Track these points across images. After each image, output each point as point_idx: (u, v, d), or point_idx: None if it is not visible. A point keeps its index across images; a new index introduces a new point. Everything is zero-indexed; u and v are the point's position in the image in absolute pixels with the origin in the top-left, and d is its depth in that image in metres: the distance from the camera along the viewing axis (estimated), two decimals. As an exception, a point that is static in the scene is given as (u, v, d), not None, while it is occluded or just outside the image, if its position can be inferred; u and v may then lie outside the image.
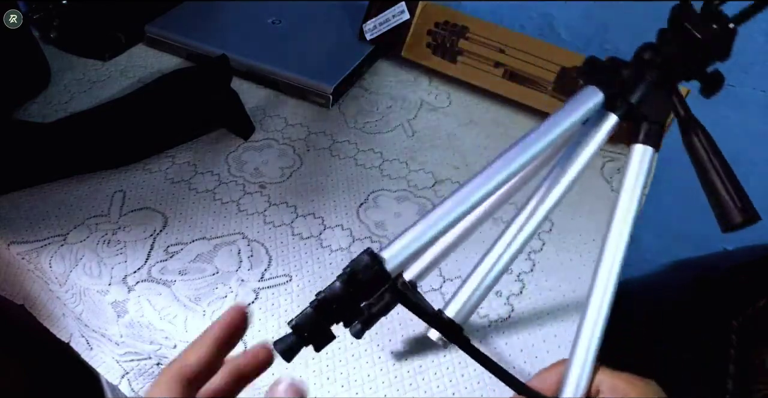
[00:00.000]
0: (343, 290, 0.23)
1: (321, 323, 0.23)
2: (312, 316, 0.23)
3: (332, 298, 0.22)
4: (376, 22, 0.60)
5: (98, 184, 0.46)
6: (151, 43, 0.61)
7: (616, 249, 0.28)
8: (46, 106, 0.53)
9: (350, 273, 0.23)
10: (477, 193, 0.25)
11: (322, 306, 0.22)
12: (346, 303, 0.23)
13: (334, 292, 0.22)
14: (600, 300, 0.27)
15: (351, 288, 0.23)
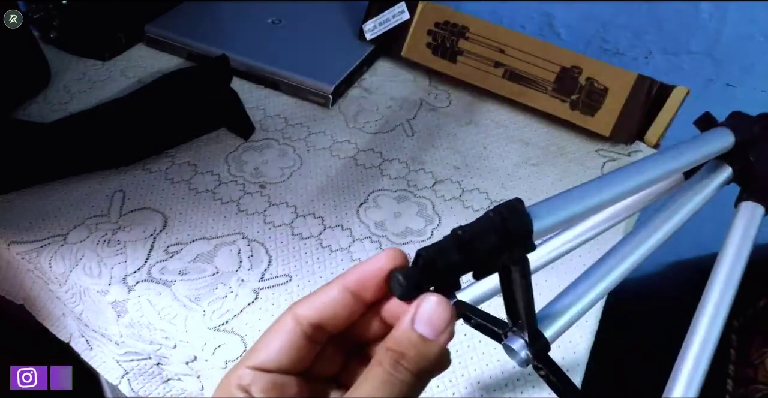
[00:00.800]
0: (489, 234, 0.18)
1: (454, 263, 0.18)
2: (449, 249, 0.18)
3: (475, 238, 0.18)
4: (376, 22, 0.60)
5: (98, 183, 0.46)
6: (151, 43, 0.61)
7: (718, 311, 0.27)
8: (46, 105, 0.53)
9: (502, 216, 0.19)
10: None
11: (462, 242, 0.18)
12: (487, 251, 0.18)
13: (482, 231, 0.18)
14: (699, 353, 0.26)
15: (497, 235, 0.19)
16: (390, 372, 0.17)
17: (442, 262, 0.18)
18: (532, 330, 0.22)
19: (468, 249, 0.18)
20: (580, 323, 0.40)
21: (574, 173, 0.52)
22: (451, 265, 0.18)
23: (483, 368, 0.37)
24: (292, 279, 0.40)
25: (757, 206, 0.28)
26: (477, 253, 0.18)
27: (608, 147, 0.56)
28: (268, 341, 0.19)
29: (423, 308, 0.18)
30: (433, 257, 0.18)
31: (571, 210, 0.22)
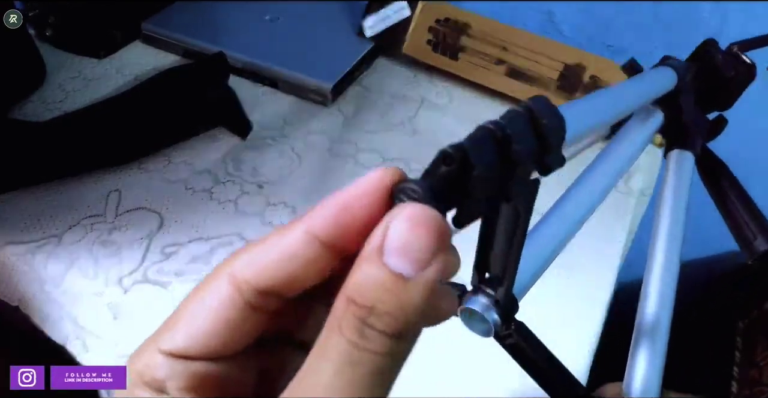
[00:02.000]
0: (527, 133, 0.14)
1: (494, 169, 0.13)
2: (487, 146, 0.13)
3: (515, 136, 0.14)
4: (377, 19, 0.59)
5: (93, 183, 0.45)
6: (148, 41, 0.60)
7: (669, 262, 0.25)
8: (41, 104, 0.52)
9: (532, 113, 0.14)
10: None
11: (499, 141, 0.13)
12: (525, 157, 0.14)
13: (519, 127, 0.14)
14: (656, 316, 0.23)
15: (532, 134, 0.14)
16: (355, 343, 0.11)
17: (482, 165, 0.12)
18: (510, 284, 0.16)
19: (506, 151, 0.13)
20: (583, 325, 0.39)
21: (576, 172, 0.52)
22: (490, 171, 0.13)
23: (483, 369, 0.36)
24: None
25: (685, 153, 0.27)
26: (514, 159, 0.13)
27: (611, 145, 0.55)
28: (191, 313, 0.13)
29: (393, 228, 0.11)
30: (468, 157, 0.12)
31: (600, 116, 0.20)
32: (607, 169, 0.26)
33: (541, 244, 0.22)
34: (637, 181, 0.51)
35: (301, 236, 0.12)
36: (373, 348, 0.11)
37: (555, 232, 0.23)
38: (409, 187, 0.12)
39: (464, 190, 0.13)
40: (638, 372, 0.20)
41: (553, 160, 0.14)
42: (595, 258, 0.44)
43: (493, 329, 0.17)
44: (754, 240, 0.23)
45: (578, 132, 0.19)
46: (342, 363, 0.11)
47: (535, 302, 0.41)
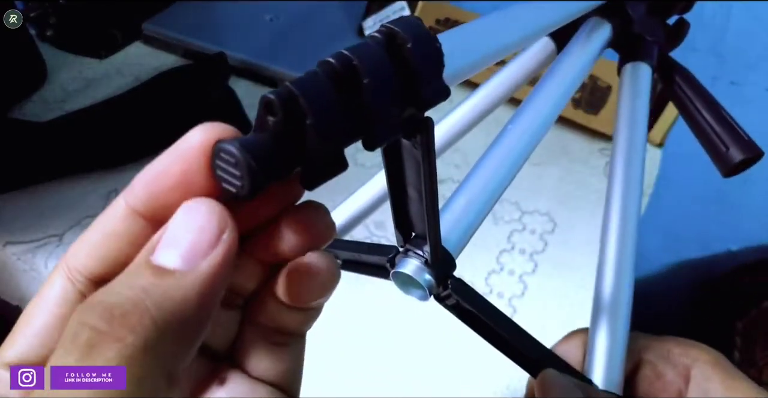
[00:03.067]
0: (384, 57, 0.11)
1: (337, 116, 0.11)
2: (323, 87, 0.11)
3: (365, 70, 0.11)
4: (376, 19, 0.59)
5: (94, 183, 0.45)
6: (148, 41, 0.60)
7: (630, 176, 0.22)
8: (42, 104, 0.52)
9: (396, 39, 0.11)
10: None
11: (342, 78, 0.11)
12: (389, 85, 0.11)
13: (370, 55, 0.11)
14: (619, 249, 0.21)
15: (394, 67, 0.11)
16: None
17: (317, 114, 0.10)
18: (435, 240, 0.15)
19: (354, 89, 0.11)
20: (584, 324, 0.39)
21: (576, 172, 0.52)
22: (330, 121, 0.10)
23: (483, 368, 0.36)
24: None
25: (642, 65, 0.24)
26: (370, 97, 0.11)
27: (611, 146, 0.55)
28: (28, 317, 0.12)
29: (173, 223, 0.10)
30: (297, 105, 0.10)
31: (486, 46, 0.15)
32: (548, 94, 0.22)
33: (478, 186, 0.19)
34: (637, 181, 0.51)
35: (120, 211, 0.11)
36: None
37: (494, 172, 0.19)
38: (225, 148, 0.10)
39: (302, 141, 0.10)
40: (599, 355, 0.19)
41: (429, 92, 0.12)
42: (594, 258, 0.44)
43: (428, 292, 0.16)
44: (726, 152, 0.21)
45: (472, 58, 0.15)
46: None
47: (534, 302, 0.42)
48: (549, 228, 0.46)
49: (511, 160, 0.20)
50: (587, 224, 0.47)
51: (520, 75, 0.27)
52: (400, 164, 0.14)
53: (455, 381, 0.36)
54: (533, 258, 0.43)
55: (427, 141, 0.12)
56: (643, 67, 0.24)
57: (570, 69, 0.23)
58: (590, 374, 0.19)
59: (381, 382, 0.35)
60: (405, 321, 0.38)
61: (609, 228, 0.22)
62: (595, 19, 0.24)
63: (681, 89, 0.23)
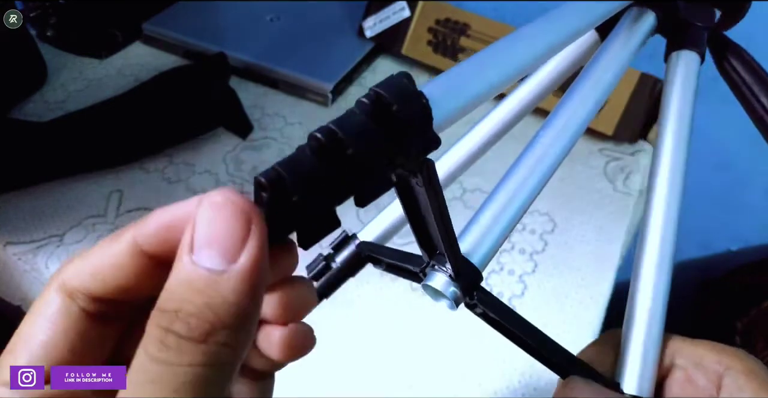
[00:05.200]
0: (368, 124, 0.12)
1: (320, 188, 0.12)
2: (307, 166, 0.12)
3: (350, 140, 0.12)
4: (376, 20, 0.59)
5: (95, 183, 0.45)
6: (149, 41, 0.60)
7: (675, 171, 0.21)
8: (43, 104, 0.52)
9: (382, 100, 0.12)
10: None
11: (327, 152, 0.12)
12: (371, 158, 0.12)
13: (354, 125, 0.12)
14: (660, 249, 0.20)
15: (379, 124, 0.12)
16: (155, 357, 0.10)
17: (301, 190, 0.11)
18: (455, 258, 0.16)
19: (339, 160, 0.12)
20: (584, 324, 0.39)
21: (576, 173, 0.52)
22: (315, 193, 0.11)
23: (484, 370, 0.36)
24: (290, 281, 0.40)
25: (690, 54, 0.23)
26: (355, 164, 0.12)
27: (611, 146, 0.55)
28: (28, 331, 0.12)
29: (199, 220, 0.10)
30: (284, 185, 0.11)
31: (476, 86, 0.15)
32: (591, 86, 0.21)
33: (506, 197, 0.20)
34: (636, 181, 0.51)
35: (126, 248, 0.12)
36: (176, 360, 0.10)
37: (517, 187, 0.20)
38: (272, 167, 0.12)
39: (293, 211, 0.12)
40: (631, 359, 0.18)
41: (420, 145, 0.12)
42: (594, 258, 0.44)
43: (454, 303, 0.17)
44: None
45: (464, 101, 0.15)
46: (141, 384, 0.10)
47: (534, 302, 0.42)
48: (549, 229, 0.46)
49: (544, 167, 0.20)
50: (587, 224, 0.47)
51: (563, 67, 0.26)
52: (412, 194, 0.15)
53: (455, 380, 0.36)
54: (533, 258, 0.43)
55: (429, 180, 0.13)
56: (691, 56, 0.23)
57: (613, 60, 0.21)
58: (621, 377, 0.19)
59: (381, 382, 0.35)
60: (406, 322, 0.38)
61: (649, 225, 0.21)
62: (638, 9, 0.23)
63: (734, 70, 0.22)
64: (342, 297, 0.39)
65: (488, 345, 0.38)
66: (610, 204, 0.49)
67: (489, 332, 0.41)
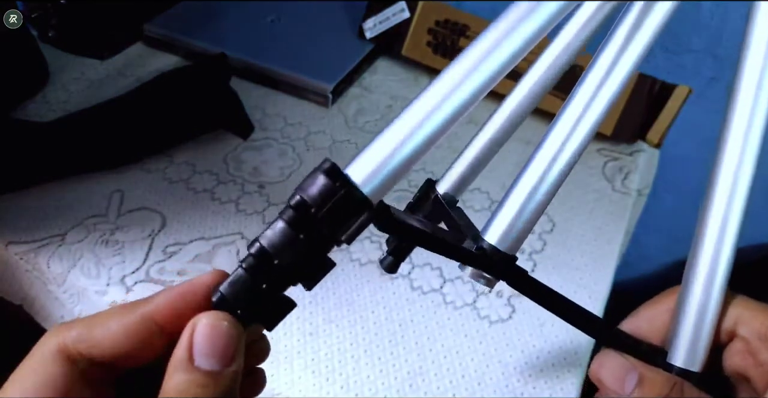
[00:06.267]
0: (290, 234, 0.15)
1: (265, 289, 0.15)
2: (245, 283, 0.15)
3: (275, 249, 0.15)
4: (376, 21, 0.59)
5: (96, 183, 0.46)
6: (150, 42, 0.60)
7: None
8: (44, 105, 0.52)
9: (298, 205, 0.15)
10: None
11: (258, 265, 0.15)
12: (297, 257, 0.15)
13: (278, 238, 0.15)
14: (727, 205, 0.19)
15: (301, 230, 0.15)
16: None
17: (242, 304, 0.15)
18: (479, 248, 0.19)
19: (270, 271, 0.15)
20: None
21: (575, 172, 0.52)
22: (253, 304, 0.15)
23: (483, 369, 0.36)
24: (291, 280, 0.40)
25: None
26: (284, 271, 0.15)
27: (610, 146, 0.55)
28: (21, 389, 0.13)
29: (198, 333, 0.14)
30: (228, 304, 0.15)
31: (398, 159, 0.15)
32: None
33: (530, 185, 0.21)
34: (634, 181, 0.52)
35: (140, 317, 0.15)
36: None
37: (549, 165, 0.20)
38: (218, 289, 0.16)
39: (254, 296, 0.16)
40: (685, 326, 0.17)
41: (352, 231, 0.15)
42: (593, 258, 0.44)
43: (487, 287, 0.19)
44: None
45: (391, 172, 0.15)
46: None
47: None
48: (548, 228, 0.46)
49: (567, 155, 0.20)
50: (586, 224, 0.47)
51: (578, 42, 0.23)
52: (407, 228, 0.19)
53: (455, 380, 0.36)
54: (532, 258, 0.44)
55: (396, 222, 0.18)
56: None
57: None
58: (670, 345, 0.17)
59: (381, 381, 0.36)
60: (406, 322, 0.39)
61: (718, 177, 0.19)
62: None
63: None
64: (342, 297, 0.40)
65: (488, 345, 0.38)
66: (608, 204, 0.49)
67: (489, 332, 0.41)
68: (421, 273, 0.42)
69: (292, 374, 0.35)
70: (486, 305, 0.40)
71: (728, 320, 0.17)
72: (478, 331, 0.38)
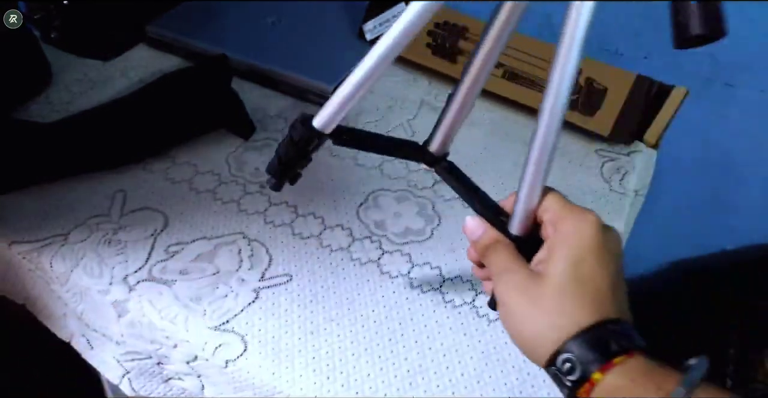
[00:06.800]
0: (290, 150, 0.32)
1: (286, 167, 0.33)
2: (277, 164, 0.33)
3: (284, 154, 0.33)
4: (376, 23, 0.60)
5: (99, 183, 0.46)
6: (152, 43, 0.61)
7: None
8: (47, 105, 0.53)
9: (289, 139, 0.32)
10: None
11: (279, 160, 0.33)
12: (295, 157, 0.32)
13: (283, 152, 0.33)
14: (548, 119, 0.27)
15: (298, 140, 0.31)
16: None
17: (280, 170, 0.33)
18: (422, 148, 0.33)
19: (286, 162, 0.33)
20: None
21: (573, 173, 0.52)
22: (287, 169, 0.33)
23: (482, 367, 0.37)
24: (292, 279, 0.41)
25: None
26: (292, 162, 0.33)
27: (607, 147, 0.56)
28: None
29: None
30: (272, 169, 0.34)
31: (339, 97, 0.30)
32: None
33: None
34: (632, 181, 0.52)
35: None
36: None
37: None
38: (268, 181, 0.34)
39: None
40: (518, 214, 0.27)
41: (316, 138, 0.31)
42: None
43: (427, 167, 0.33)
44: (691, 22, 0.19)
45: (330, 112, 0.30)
46: None
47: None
48: (546, 228, 0.47)
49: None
50: (584, 224, 0.48)
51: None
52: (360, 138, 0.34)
53: (454, 378, 0.36)
54: (531, 257, 0.44)
55: (345, 139, 0.33)
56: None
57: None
58: (511, 218, 0.27)
59: (381, 380, 0.36)
60: (406, 321, 0.39)
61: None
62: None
63: None
64: (342, 296, 0.40)
65: (487, 343, 0.38)
66: (606, 204, 0.50)
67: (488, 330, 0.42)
68: (420, 272, 0.42)
69: (293, 372, 0.36)
70: (485, 303, 0.40)
71: (541, 209, 0.26)
72: (477, 330, 0.39)
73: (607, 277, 0.23)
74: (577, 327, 0.22)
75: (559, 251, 0.24)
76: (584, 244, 0.24)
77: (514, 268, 0.25)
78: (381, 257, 0.43)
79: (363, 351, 0.37)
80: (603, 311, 0.23)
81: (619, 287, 0.24)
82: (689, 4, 0.19)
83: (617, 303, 0.23)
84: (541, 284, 0.24)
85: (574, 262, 0.24)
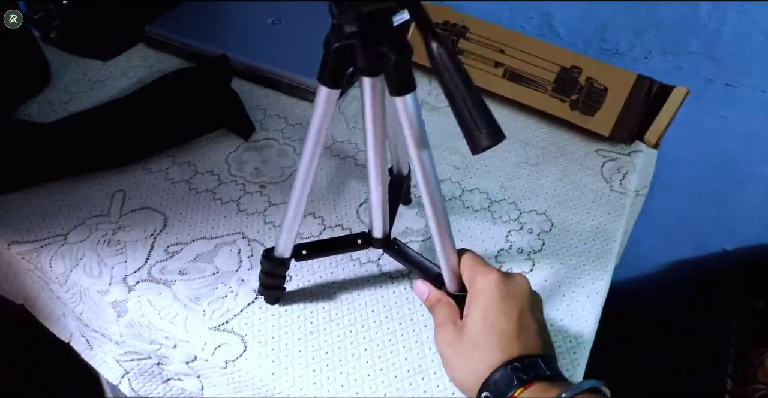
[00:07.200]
0: (267, 279, 0.37)
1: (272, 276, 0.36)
2: (264, 289, 0.37)
3: (265, 282, 0.37)
4: (376, 22, 0.60)
5: (98, 183, 0.46)
6: (152, 43, 0.61)
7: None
8: (47, 105, 0.53)
9: (263, 270, 0.36)
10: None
11: (264, 286, 0.37)
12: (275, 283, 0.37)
13: (264, 280, 0.37)
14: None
15: (269, 271, 0.36)
16: None
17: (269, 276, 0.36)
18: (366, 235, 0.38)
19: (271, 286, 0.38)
20: (581, 322, 0.40)
21: (573, 173, 0.52)
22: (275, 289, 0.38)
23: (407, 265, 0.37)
24: (292, 279, 0.41)
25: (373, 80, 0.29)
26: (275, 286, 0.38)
27: (608, 147, 0.56)
28: None
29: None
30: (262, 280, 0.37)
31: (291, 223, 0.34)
32: None
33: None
34: (632, 181, 0.52)
35: None
36: None
37: None
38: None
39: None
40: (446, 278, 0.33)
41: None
42: (590, 258, 0.44)
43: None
44: (480, 134, 0.25)
45: None
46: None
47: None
48: (546, 228, 0.47)
49: None
50: (584, 224, 0.47)
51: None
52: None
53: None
54: (531, 257, 0.44)
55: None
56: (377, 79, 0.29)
57: None
58: (445, 279, 0.33)
59: (381, 380, 0.36)
60: (405, 321, 0.39)
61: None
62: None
63: (444, 66, 0.25)
64: (342, 296, 0.40)
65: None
66: (606, 204, 0.50)
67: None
68: (420, 272, 0.42)
69: (293, 372, 0.36)
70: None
71: (462, 266, 0.32)
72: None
73: (512, 322, 0.29)
74: (489, 369, 0.28)
75: (473, 307, 0.30)
76: (488, 299, 0.30)
77: (447, 325, 0.31)
78: (381, 257, 0.43)
79: (363, 352, 0.37)
80: (508, 352, 0.28)
81: (526, 325, 0.29)
82: (471, 125, 0.25)
83: (522, 342, 0.29)
84: (462, 338, 0.30)
85: (482, 316, 0.29)
